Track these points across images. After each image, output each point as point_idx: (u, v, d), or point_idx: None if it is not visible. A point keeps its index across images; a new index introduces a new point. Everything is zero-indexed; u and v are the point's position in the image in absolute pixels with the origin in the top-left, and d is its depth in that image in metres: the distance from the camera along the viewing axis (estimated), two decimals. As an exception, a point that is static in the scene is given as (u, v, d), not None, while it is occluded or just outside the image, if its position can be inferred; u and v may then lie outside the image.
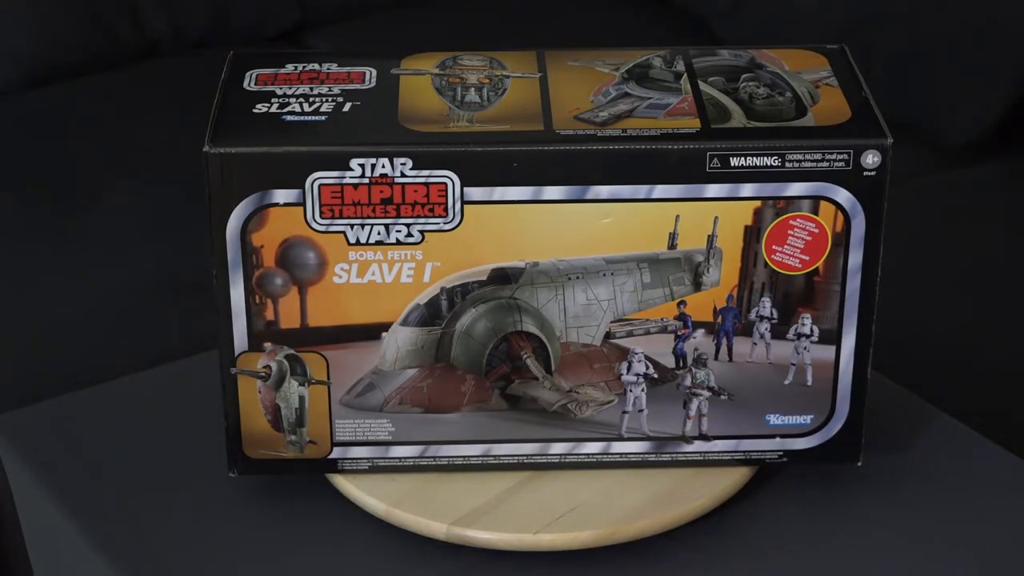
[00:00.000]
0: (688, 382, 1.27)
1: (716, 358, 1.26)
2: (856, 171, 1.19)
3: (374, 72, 1.27)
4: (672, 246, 1.22)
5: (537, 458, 1.29)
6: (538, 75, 1.29)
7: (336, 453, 1.28)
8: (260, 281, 1.22)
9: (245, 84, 1.26)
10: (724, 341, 1.26)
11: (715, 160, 1.19)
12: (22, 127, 2.40)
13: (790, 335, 1.25)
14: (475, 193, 1.19)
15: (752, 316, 1.25)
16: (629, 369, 1.27)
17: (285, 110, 1.22)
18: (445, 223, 1.20)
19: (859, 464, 1.30)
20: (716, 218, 1.21)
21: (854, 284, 1.23)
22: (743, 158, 1.19)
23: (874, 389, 1.28)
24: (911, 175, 2.11)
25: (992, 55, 2.21)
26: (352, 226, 1.20)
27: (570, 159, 1.19)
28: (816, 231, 1.22)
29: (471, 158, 1.19)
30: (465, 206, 1.20)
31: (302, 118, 1.22)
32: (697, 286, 1.24)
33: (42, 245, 2.13)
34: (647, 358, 1.26)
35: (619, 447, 1.29)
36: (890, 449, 1.35)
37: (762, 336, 1.26)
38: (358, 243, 1.21)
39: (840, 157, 1.19)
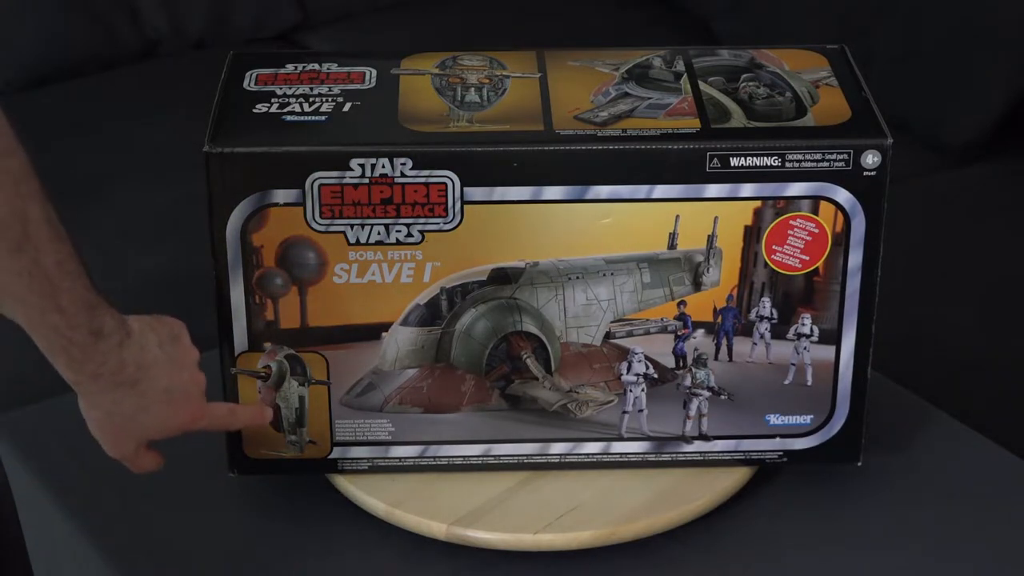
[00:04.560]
0: (688, 382, 1.27)
1: (716, 358, 1.26)
2: (856, 171, 1.19)
3: (374, 72, 1.27)
4: (672, 246, 1.22)
5: (537, 458, 1.29)
6: (538, 75, 1.29)
7: (336, 453, 1.28)
8: (260, 281, 1.22)
9: (245, 84, 1.26)
10: (724, 341, 1.26)
11: (715, 160, 1.19)
12: (22, 127, 2.40)
13: (790, 335, 1.25)
14: (475, 193, 1.19)
15: (752, 316, 1.25)
16: (629, 369, 1.27)
17: (285, 110, 1.22)
18: (445, 223, 1.20)
19: (859, 464, 1.30)
20: (716, 218, 1.21)
21: (854, 284, 1.23)
22: (743, 158, 1.19)
23: (874, 389, 1.28)
24: (911, 175, 2.11)
25: (992, 55, 2.21)
26: (352, 226, 1.20)
27: (570, 159, 1.19)
28: (816, 231, 1.22)
29: (471, 158, 1.19)
30: (465, 206, 1.20)
31: (302, 118, 1.21)
32: (697, 286, 1.24)
33: (42, 245, 2.13)
34: (647, 358, 1.26)
35: (619, 447, 1.29)
36: (890, 449, 1.35)
37: (762, 336, 1.26)
38: (358, 243, 1.21)
39: (840, 157, 1.19)
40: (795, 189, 1.20)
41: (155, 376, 1.12)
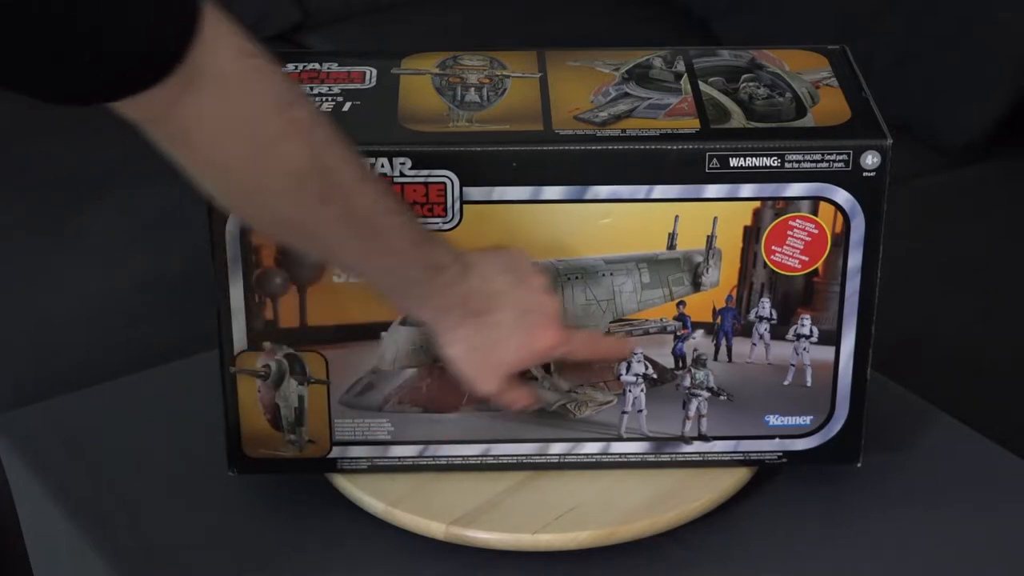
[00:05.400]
0: (687, 382, 1.27)
1: (715, 359, 1.26)
2: (856, 172, 1.19)
3: (374, 72, 1.27)
4: (671, 246, 1.22)
5: (536, 458, 1.29)
6: (538, 75, 1.29)
7: (335, 452, 1.28)
8: (259, 280, 1.22)
9: (245, 84, 1.26)
10: (723, 342, 1.26)
11: (714, 160, 1.19)
12: (22, 127, 2.40)
13: (789, 336, 1.25)
14: (474, 193, 1.19)
15: (751, 317, 1.25)
16: (628, 369, 1.26)
17: (285, 110, 1.22)
18: (444, 223, 1.20)
19: (859, 464, 1.30)
20: (715, 218, 1.21)
21: (854, 285, 1.23)
22: (742, 158, 1.19)
23: (874, 389, 1.28)
24: (911, 175, 2.11)
25: (992, 55, 2.22)
26: (352, 226, 1.20)
27: (570, 159, 1.19)
28: (815, 232, 1.22)
29: (471, 158, 1.19)
30: (464, 206, 1.19)
31: (302, 118, 1.21)
32: (696, 286, 1.24)
33: (42, 245, 2.14)
34: (646, 358, 1.26)
35: (618, 447, 1.29)
36: (890, 449, 1.35)
37: (761, 337, 1.26)
38: (358, 243, 1.21)
39: (840, 158, 1.19)
40: (794, 190, 1.20)
41: (504, 304, 1.12)
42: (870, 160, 1.19)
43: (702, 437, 1.28)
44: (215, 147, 0.99)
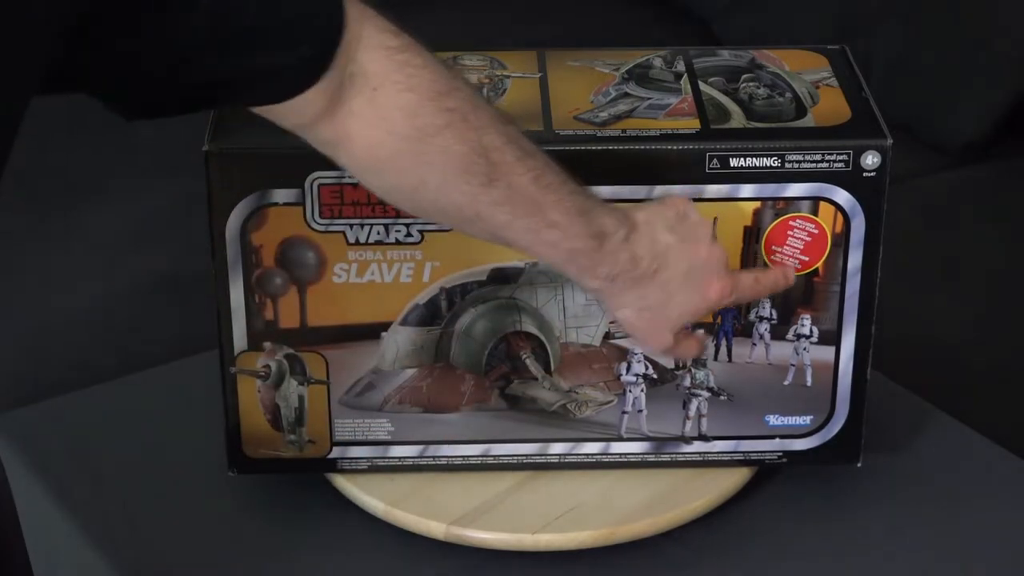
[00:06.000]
0: (687, 382, 1.27)
1: (715, 359, 1.26)
2: (856, 172, 1.19)
3: (374, 72, 1.27)
4: (672, 246, 1.22)
5: (536, 458, 1.29)
6: (538, 75, 1.28)
7: (335, 452, 1.28)
8: (260, 280, 1.22)
9: (245, 84, 1.26)
10: (724, 342, 1.26)
11: (714, 160, 1.19)
12: (22, 127, 2.40)
13: (789, 336, 1.25)
14: (475, 193, 1.19)
15: (752, 317, 1.25)
16: (628, 369, 1.26)
17: (285, 110, 1.22)
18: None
19: (859, 464, 1.30)
20: (715, 219, 1.21)
21: (854, 285, 1.23)
22: (742, 158, 1.19)
23: (874, 389, 1.28)
24: (911, 175, 2.11)
25: (992, 55, 2.21)
26: (351, 226, 1.20)
27: (570, 159, 1.19)
28: (816, 232, 1.22)
29: (471, 158, 1.19)
30: (465, 206, 1.19)
31: (302, 118, 1.21)
32: (697, 286, 1.24)
33: (42, 245, 2.13)
34: (646, 358, 1.26)
35: (618, 447, 1.29)
36: (890, 449, 1.35)
37: (761, 337, 1.26)
38: (357, 243, 1.21)
39: (840, 158, 1.19)
40: (795, 190, 1.20)
41: (672, 262, 1.11)
42: (870, 160, 1.19)
43: (702, 437, 1.28)
44: (373, 148, 0.99)
